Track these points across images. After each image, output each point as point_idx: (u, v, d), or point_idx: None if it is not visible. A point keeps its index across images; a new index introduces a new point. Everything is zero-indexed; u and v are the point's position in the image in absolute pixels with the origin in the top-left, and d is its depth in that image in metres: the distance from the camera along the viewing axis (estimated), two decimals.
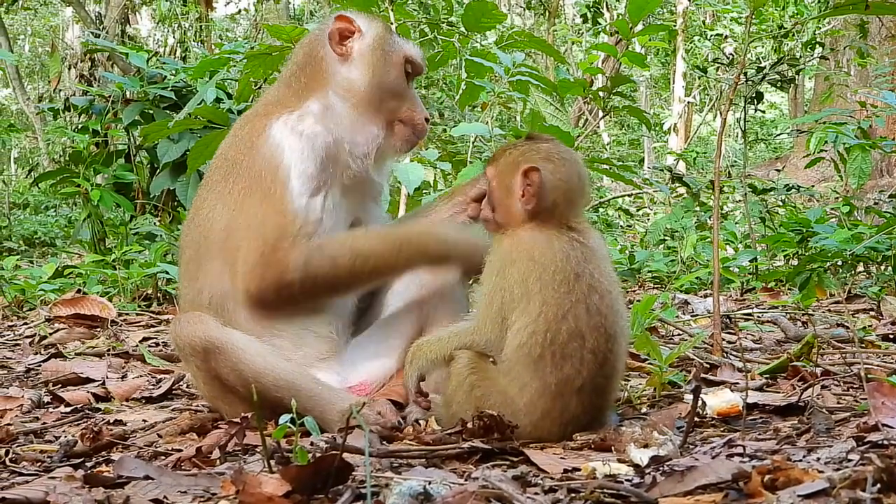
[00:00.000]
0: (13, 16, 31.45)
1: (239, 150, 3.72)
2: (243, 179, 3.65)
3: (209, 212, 3.70)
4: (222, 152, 3.82)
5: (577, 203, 3.31)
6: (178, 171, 9.51)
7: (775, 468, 2.30)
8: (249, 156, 3.67)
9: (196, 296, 3.70)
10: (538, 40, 6.97)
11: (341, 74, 3.79)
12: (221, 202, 3.68)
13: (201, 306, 3.66)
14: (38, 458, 3.21)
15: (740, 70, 5.08)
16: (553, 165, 3.27)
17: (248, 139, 3.71)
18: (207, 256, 3.68)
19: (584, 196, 3.35)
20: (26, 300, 7.79)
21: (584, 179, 3.36)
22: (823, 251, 7.62)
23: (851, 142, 8.73)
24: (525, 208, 3.26)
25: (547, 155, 3.29)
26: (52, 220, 18.93)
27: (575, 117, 23.43)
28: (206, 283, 3.67)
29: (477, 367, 3.22)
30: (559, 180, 3.26)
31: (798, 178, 19.40)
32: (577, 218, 3.28)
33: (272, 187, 3.59)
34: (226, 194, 3.68)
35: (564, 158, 3.31)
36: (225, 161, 3.76)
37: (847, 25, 20.16)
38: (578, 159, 3.38)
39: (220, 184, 3.71)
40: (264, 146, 3.65)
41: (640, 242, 13.20)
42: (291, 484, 2.40)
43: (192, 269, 3.73)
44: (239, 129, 3.82)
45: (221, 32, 27.63)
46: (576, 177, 3.30)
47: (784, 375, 4.02)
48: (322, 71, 3.80)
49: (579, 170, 3.34)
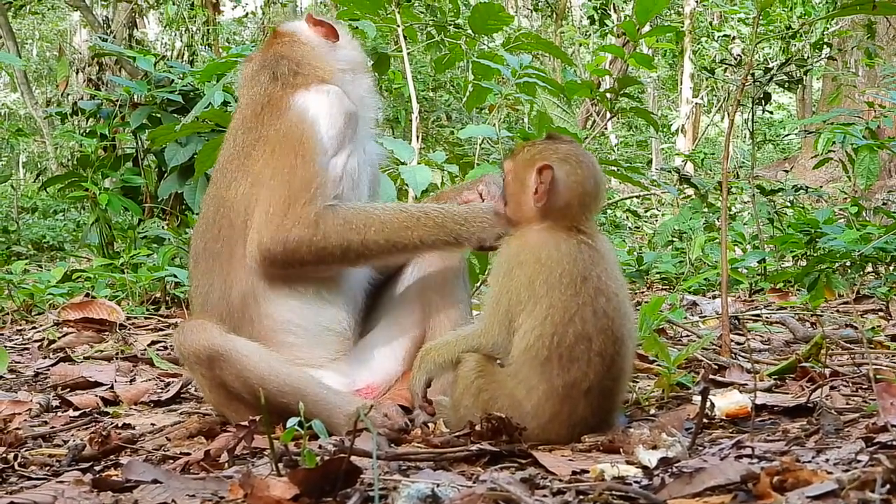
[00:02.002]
0: (21, 20, 31.52)
1: (260, 129, 3.75)
2: (270, 145, 3.69)
3: (235, 197, 3.70)
4: (235, 144, 3.81)
5: (591, 207, 3.29)
6: (185, 175, 9.51)
7: (784, 469, 2.30)
8: (275, 125, 3.71)
9: (226, 290, 3.69)
10: (545, 42, 6.97)
11: (340, 55, 4.00)
12: (245, 177, 3.69)
13: (230, 301, 3.67)
14: (47, 462, 3.22)
15: (748, 71, 5.07)
16: (569, 167, 3.26)
17: (272, 116, 3.75)
18: (239, 243, 3.67)
19: (597, 201, 3.33)
20: (35, 304, 7.80)
21: (600, 185, 3.34)
22: (832, 252, 7.60)
23: (859, 142, 8.72)
24: (536, 206, 3.26)
25: (564, 156, 3.28)
26: (60, 224, 18.97)
27: (582, 119, 23.40)
28: (238, 276, 3.67)
29: (484, 371, 3.22)
30: (574, 182, 3.25)
31: (806, 179, 19.39)
32: (587, 222, 3.27)
33: (301, 142, 3.64)
34: (250, 168, 3.70)
35: (581, 161, 3.29)
36: (243, 147, 3.76)
37: (855, 26, 20.12)
38: (595, 164, 3.35)
39: (243, 166, 3.72)
40: (290, 113, 3.72)
41: (648, 244, 13.18)
42: (299, 487, 2.40)
43: (223, 263, 3.71)
44: (253, 120, 3.80)
45: (229, 36, 27.67)
46: (591, 181, 3.28)
47: (793, 376, 4.01)
48: (323, 59, 3.93)
49: (595, 174, 3.31)
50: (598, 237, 3.28)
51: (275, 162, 3.63)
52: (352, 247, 3.58)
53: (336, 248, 3.57)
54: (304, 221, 3.53)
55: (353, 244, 3.57)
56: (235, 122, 3.91)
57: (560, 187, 3.24)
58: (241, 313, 3.65)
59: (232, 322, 3.63)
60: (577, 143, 3.40)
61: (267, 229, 3.55)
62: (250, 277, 3.65)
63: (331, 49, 3.99)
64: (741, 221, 12.25)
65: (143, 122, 9.93)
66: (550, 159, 3.27)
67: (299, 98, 3.73)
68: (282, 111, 3.72)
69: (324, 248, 3.55)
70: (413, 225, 3.60)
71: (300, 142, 3.63)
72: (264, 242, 3.56)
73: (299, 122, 3.67)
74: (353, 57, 4.06)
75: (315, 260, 3.58)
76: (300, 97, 3.73)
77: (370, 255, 3.64)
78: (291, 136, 3.64)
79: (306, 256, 3.56)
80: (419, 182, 5.66)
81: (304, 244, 3.54)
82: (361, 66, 4.10)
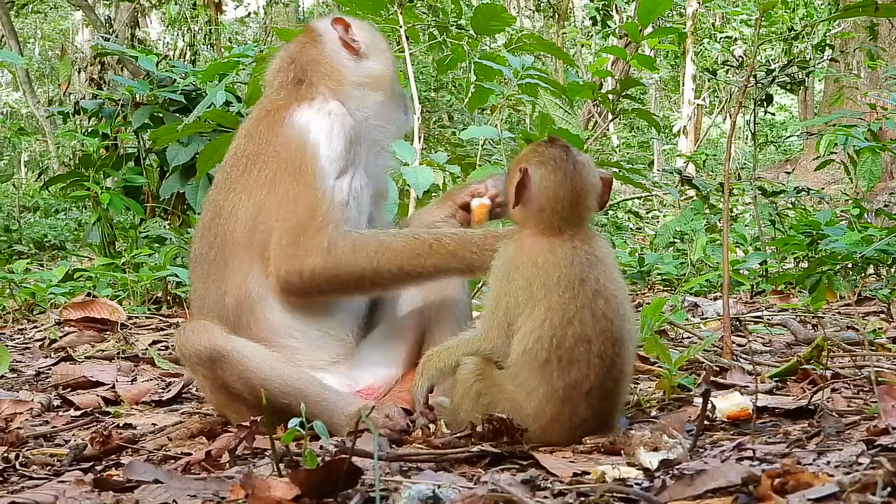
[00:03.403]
0: (23, 19, 31.56)
1: (259, 143, 3.72)
2: (270, 167, 3.65)
3: (233, 209, 3.68)
4: (237, 151, 3.79)
5: (564, 212, 3.23)
6: (187, 175, 9.51)
7: (785, 472, 2.30)
8: (274, 144, 3.67)
9: (220, 297, 3.68)
10: (547, 43, 6.96)
11: (361, 68, 3.87)
12: (246, 194, 3.66)
13: (226, 308, 3.66)
14: (48, 461, 3.22)
15: (750, 72, 5.06)
16: (544, 170, 3.25)
17: (269, 131, 3.71)
18: (233, 253, 3.66)
19: (574, 207, 3.25)
20: (36, 304, 7.81)
21: (579, 190, 3.25)
22: (833, 254, 7.60)
23: (861, 144, 8.71)
24: (512, 208, 3.29)
25: (545, 159, 3.27)
26: (62, 224, 18.96)
27: (584, 120, 23.40)
28: (233, 281, 3.66)
29: (483, 374, 3.22)
30: (545, 186, 3.23)
31: (808, 181, 19.35)
32: (574, 226, 3.24)
33: (301, 166, 3.60)
34: (252, 185, 3.66)
35: (560, 166, 3.25)
36: (243, 157, 3.74)
37: (857, 27, 20.14)
38: (581, 170, 3.27)
39: (242, 179, 3.69)
40: (289, 130, 3.67)
41: (649, 245, 13.17)
42: (301, 488, 2.40)
43: (217, 270, 3.70)
44: (253, 128, 3.80)
45: (231, 36, 27.70)
46: (566, 186, 3.24)
47: (794, 378, 4.01)
48: (335, 69, 3.84)
49: (574, 180, 3.25)
50: (594, 240, 3.26)
51: (278, 189, 3.60)
52: (365, 275, 3.56)
53: (349, 277, 3.56)
54: (316, 251, 3.52)
55: (366, 273, 3.55)
56: (245, 123, 3.92)
57: (533, 191, 3.24)
58: (237, 317, 3.64)
59: (229, 326, 3.62)
60: (571, 148, 3.31)
61: (282, 260, 3.54)
62: (245, 285, 3.64)
63: (349, 59, 3.87)
64: (743, 223, 12.26)
65: (145, 121, 9.92)
66: (530, 162, 3.27)
67: (300, 116, 3.69)
68: (281, 127, 3.69)
69: (337, 276, 3.54)
70: (426, 253, 3.57)
71: (300, 168, 3.60)
72: (281, 275, 3.55)
73: (300, 146, 3.63)
74: (374, 71, 3.91)
75: (331, 289, 3.58)
76: (301, 114, 3.69)
77: (384, 283, 3.63)
78: (292, 162, 3.61)
79: (323, 285, 3.56)
80: (421, 183, 5.65)
81: (319, 273, 3.53)
82: (382, 80, 3.92)
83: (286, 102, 3.76)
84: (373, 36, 3.99)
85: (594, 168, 3.35)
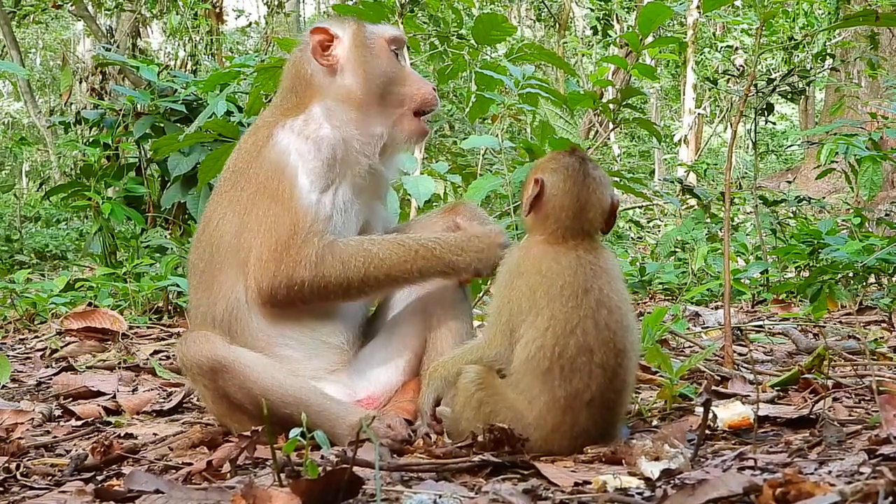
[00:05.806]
0: (24, 29, 31.56)
1: (245, 159, 3.75)
2: (252, 185, 3.67)
3: (219, 222, 3.72)
4: (229, 165, 3.84)
5: (567, 221, 3.24)
6: (188, 185, 9.52)
7: (787, 481, 2.30)
8: (256, 163, 3.69)
9: (210, 308, 3.69)
10: (548, 52, 6.97)
11: (336, 84, 3.80)
12: (231, 210, 3.70)
13: (215, 319, 3.67)
14: (49, 471, 3.22)
15: (751, 81, 5.06)
16: (555, 178, 3.27)
17: (254, 148, 3.74)
18: (220, 266, 3.68)
19: (577, 219, 3.25)
20: (37, 313, 7.81)
21: (584, 203, 3.26)
22: (835, 263, 7.60)
23: (862, 153, 8.71)
24: (524, 214, 3.32)
25: (558, 167, 3.29)
26: (63, 234, 18.95)
27: (585, 129, 23.42)
28: (220, 293, 3.67)
29: (484, 383, 3.22)
30: (552, 194, 3.26)
31: (809, 190, 19.38)
32: (578, 237, 3.25)
33: (280, 187, 3.60)
34: (235, 202, 3.69)
35: (569, 175, 3.27)
36: (232, 173, 3.78)
37: (857, 37, 20.16)
38: (589, 183, 3.27)
39: (229, 194, 3.73)
40: (271, 152, 3.68)
41: (650, 254, 13.18)
42: (302, 498, 2.40)
43: (206, 281, 3.72)
44: (243, 142, 3.85)
45: (232, 45, 27.70)
46: (572, 196, 3.25)
47: (795, 388, 4.00)
48: (314, 86, 3.81)
49: (581, 192, 3.26)
50: (600, 251, 3.27)
51: (257, 210, 3.62)
52: (352, 284, 3.58)
53: (336, 286, 3.58)
54: (304, 264, 3.53)
55: (353, 281, 3.58)
56: (243, 136, 3.94)
57: (545, 199, 3.26)
58: (228, 327, 3.65)
59: (223, 336, 3.62)
60: (587, 160, 3.31)
61: (265, 274, 3.55)
62: (233, 296, 3.65)
63: (325, 75, 3.81)
64: (744, 232, 12.26)
65: (147, 131, 9.93)
66: (545, 171, 3.29)
67: (281, 136, 3.69)
68: (264, 147, 3.70)
69: (324, 286, 3.56)
70: (411, 258, 3.61)
71: (278, 189, 3.60)
72: (264, 288, 3.57)
73: (279, 168, 3.63)
74: (351, 86, 3.79)
75: (317, 297, 3.60)
76: (283, 135, 3.69)
77: (370, 290, 3.66)
78: (271, 183, 3.62)
79: (308, 295, 3.58)
80: (422, 192, 5.66)
81: (307, 284, 3.54)
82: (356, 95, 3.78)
83: (273, 120, 3.78)
84: (353, 40, 3.83)
85: (609, 187, 3.34)
